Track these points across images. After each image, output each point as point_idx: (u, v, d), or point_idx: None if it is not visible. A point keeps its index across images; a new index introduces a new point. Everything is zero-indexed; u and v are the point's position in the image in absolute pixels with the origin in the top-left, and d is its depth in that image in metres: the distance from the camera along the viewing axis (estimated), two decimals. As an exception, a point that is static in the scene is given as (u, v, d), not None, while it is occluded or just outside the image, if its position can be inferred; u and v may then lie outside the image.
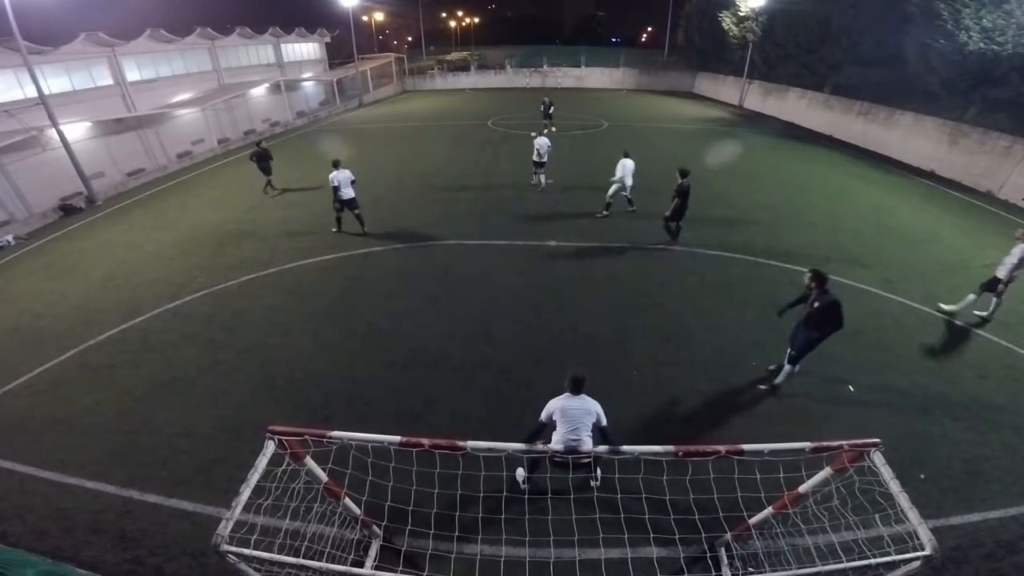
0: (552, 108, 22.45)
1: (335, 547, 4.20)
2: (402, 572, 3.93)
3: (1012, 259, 7.90)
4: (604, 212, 12.71)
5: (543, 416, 4.64)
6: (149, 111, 19.63)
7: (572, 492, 4.02)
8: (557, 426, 4.56)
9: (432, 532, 4.10)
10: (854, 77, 24.98)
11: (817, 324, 6.06)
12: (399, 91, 43.01)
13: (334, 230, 12.10)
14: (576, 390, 4.57)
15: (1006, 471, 5.52)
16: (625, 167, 12.10)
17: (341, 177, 11.24)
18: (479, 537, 3.99)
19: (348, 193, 11.44)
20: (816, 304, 6.00)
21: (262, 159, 14.82)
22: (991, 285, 8.13)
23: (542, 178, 14.78)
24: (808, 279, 6.11)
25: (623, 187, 12.27)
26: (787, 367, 6.50)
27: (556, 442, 4.54)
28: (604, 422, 4.60)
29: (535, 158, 14.28)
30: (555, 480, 4.57)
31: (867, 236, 11.86)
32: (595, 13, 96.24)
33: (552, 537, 4.21)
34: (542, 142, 14.16)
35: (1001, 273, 8.01)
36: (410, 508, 3.74)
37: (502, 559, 3.85)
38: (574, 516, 3.95)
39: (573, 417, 4.49)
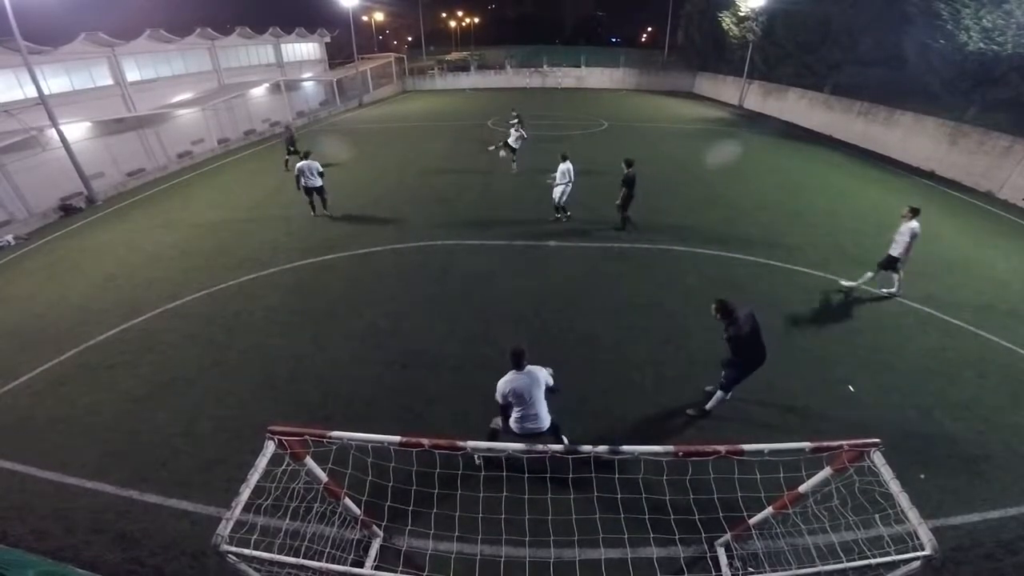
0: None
1: (335, 547, 4.20)
2: (402, 572, 3.93)
3: (903, 237, 8.44)
4: (558, 216, 12.41)
5: (499, 398, 4.82)
6: (149, 111, 19.63)
7: (572, 492, 4.02)
8: (513, 407, 4.82)
9: (432, 532, 4.11)
10: (854, 77, 25.00)
11: (731, 354, 5.80)
12: (399, 91, 43.03)
13: (313, 214, 13.13)
14: (518, 365, 4.74)
15: (1006, 471, 5.52)
16: (566, 171, 11.67)
17: (306, 167, 12.44)
18: (479, 537, 4.00)
19: (314, 182, 12.63)
20: (725, 335, 5.71)
21: (290, 142, 18.20)
22: (889, 263, 8.66)
23: (513, 165, 16.93)
24: (713, 310, 5.75)
25: (564, 191, 11.92)
26: (719, 393, 6.21)
27: (514, 421, 4.84)
28: (551, 383, 4.88)
29: (511, 144, 16.71)
30: (555, 481, 4.57)
31: (867, 236, 11.84)
32: (595, 13, 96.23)
33: (552, 537, 4.21)
34: (515, 135, 16.70)
35: (896, 251, 8.47)
36: (410, 508, 3.75)
37: (502, 559, 3.85)
38: (574, 516, 3.95)
39: (524, 394, 4.73)
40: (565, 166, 11.66)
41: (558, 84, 42.73)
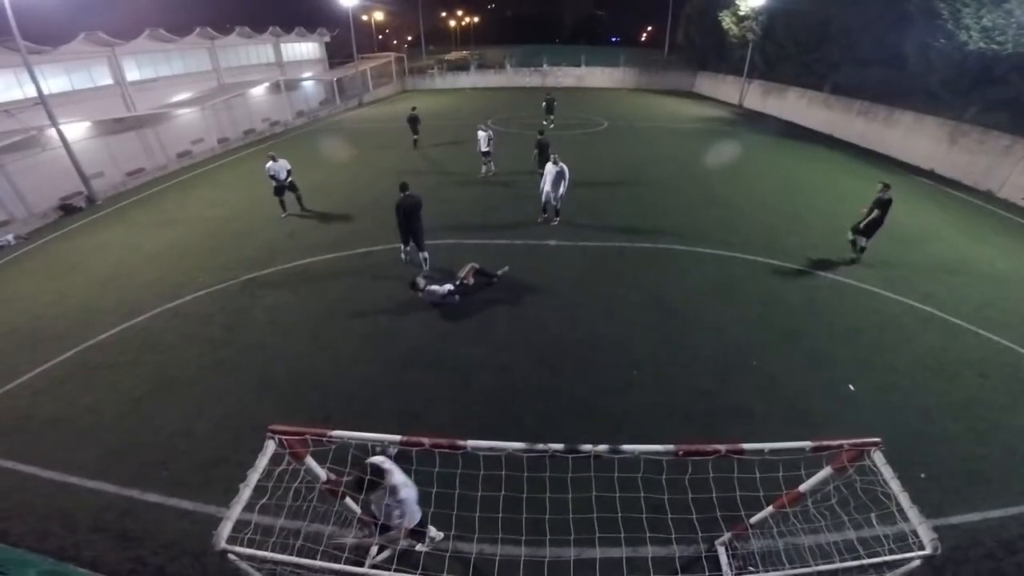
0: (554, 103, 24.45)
1: (336, 546, 4.20)
2: (401, 571, 3.93)
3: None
4: (543, 217, 12.21)
5: None
6: (149, 111, 19.62)
7: (570, 491, 4.01)
8: None
9: (431, 530, 4.10)
10: (854, 76, 24.97)
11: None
12: (399, 90, 42.98)
13: (282, 215, 13.31)
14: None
15: (1006, 470, 5.52)
16: (548, 173, 11.44)
17: (276, 167, 12.87)
18: (476, 536, 3.99)
19: (283, 181, 13.11)
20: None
21: (413, 122, 19.88)
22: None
23: (491, 166, 16.41)
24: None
25: (552, 191, 11.56)
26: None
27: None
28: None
29: (483, 148, 15.83)
30: (553, 480, 4.57)
31: (867, 235, 11.84)
32: (595, 12, 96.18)
33: (551, 536, 4.21)
34: (483, 135, 15.72)
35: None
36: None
37: (498, 557, 3.85)
38: (572, 515, 3.95)
39: None
40: (556, 168, 11.30)
41: (558, 83, 42.63)
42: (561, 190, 11.55)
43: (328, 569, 3.25)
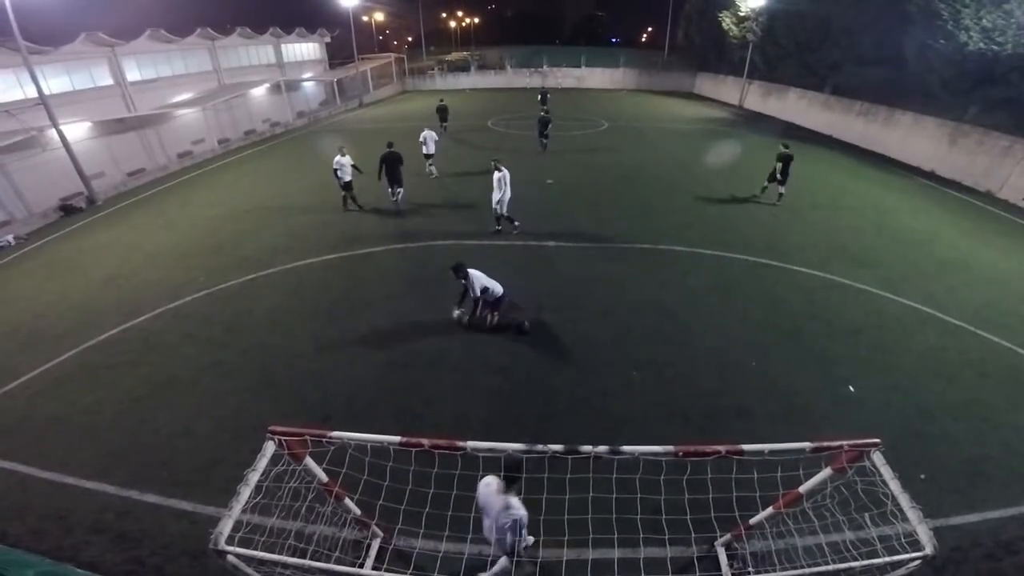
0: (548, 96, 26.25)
1: (334, 547, 4.20)
2: (401, 572, 3.93)
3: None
4: (498, 228, 11.88)
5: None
6: (149, 111, 19.63)
7: (569, 492, 4.01)
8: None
9: (430, 532, 4.09)
10: (854, 77, 24.96)
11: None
12: (399, 91, 43.00)
13: (351, 209, 13.73)
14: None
15: (1006, 471, 5.52)
16: (500, 180, 11.21)
17: (344, 162, 13.08)
18: (477, 537, 3.99)
19: (347, 176, 13.28)
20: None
21: (442, 111, 22.32)
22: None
23: (433, 168, 16.47)
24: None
25: (501, 200, 11.37)
26: None
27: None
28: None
29: (426, 151, 16.14)
30: (553, 481, 4.57)
31: (867, 236, 11.86)
32: (595, 13, 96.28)
33: (552, 537, 4.20)
34: (429, 135, 16.09)
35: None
36: (409, 508, 3.74)
37: (500, 558, 3.84)
38: (573, 516, 3.95)
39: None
40: (499, 175, 11.11)
41: (558, 84, 42.64)
42: (506, 196, 11.23)
43: (326, 569, 3.25)
